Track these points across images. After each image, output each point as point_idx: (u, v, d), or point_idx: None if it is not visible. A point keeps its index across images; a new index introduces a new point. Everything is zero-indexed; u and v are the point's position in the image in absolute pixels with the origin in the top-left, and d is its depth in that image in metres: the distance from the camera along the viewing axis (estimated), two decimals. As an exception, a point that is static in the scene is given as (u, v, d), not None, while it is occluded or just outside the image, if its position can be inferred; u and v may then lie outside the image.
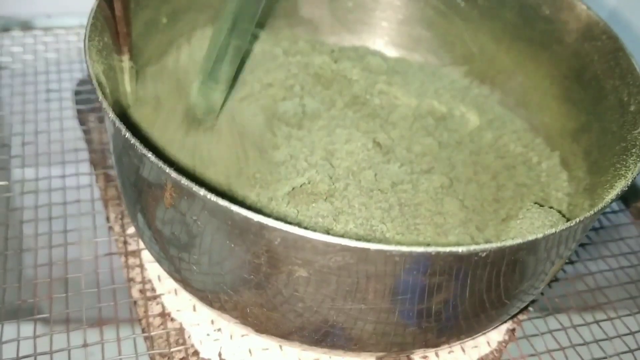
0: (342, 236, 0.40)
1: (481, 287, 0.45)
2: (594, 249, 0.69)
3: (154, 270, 0.61)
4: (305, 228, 0.38)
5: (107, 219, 0.66)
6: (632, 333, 0.62)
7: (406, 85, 0.71)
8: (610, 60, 0.61)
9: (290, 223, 0.38)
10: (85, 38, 0.51)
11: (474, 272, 0.42)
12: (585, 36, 0.64)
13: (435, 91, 0.71)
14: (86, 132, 0.77)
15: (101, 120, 0.78)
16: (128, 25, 0.57)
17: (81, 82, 0.83)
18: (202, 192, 0.39)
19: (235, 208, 0.38)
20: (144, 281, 0.60)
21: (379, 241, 0.53)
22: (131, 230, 0.64)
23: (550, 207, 0.58)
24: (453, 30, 0.76)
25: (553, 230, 0.41)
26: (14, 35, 0.88)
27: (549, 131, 0.69)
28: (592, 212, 0.44)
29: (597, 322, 0.62)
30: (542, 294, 0.64)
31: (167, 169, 0.40)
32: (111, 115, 0.43)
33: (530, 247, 0.43)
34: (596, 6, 0.64)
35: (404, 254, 0.38)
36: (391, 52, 0.79)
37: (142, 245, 0.63)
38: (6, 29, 0.89)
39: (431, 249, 0.38)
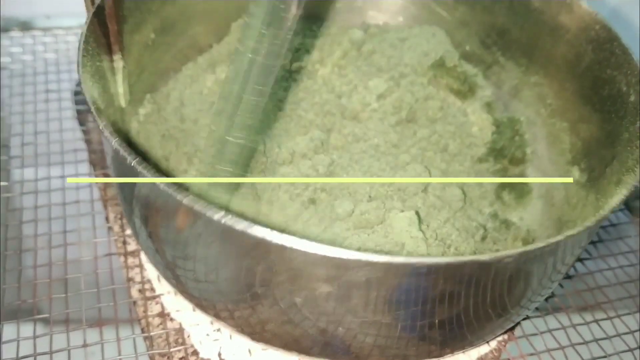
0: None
1: (501, 292, 0.45)
2: (592, 248, 0.69)
3: (153, 270, 0.61)
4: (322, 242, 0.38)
5: (107, 219, 0.66)
6: (631, 332, 0.62)
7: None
8: (605, 51, 0.61)
9: (310, 238, 0.37)
10: (78, 66, 0.52)
11: (499, 277, 0.43)
12: (577, 27, 0.64)
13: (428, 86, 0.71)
14: (85, 132, 0.77)
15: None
16: (118, 22, 0.56)
17: (80, 83, 0.81)
18: (217, 216, 0.38)
19: (256, 230, 0.37)
20: (143, 281, 0.61)
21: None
22: (130, 230, 0.64)
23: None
24: (443, 26, 0.77)
25: (581, 228, 0.42)
26: (13, 35, 0.89)
27: (546, 123, 0.69)
28: (620, 197, 0.45)
29: (596, 321, 0.62)
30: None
31: (180, 195, 0.39)
32: (116, 144, 0.43)
33: (554, 249, 0.43)
34: (597, 5, 0.64)
35: (430, 265, 0.38)
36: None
37: (141, 245, 0.63)
38: (6, 29, 0.89)
39: (456, 259, 0.38)
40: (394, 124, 0.66)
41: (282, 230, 0.37)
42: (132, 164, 0.41)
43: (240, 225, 0.38)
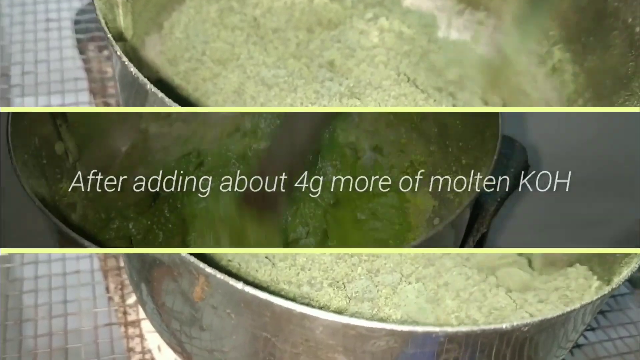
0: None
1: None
2: (592, 319, 0.68)
3: (154, 340, 0.60)
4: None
5: (107, 289, 0.64)
6: (631, 403, 0.63)
7: (400, 16, 0.69)
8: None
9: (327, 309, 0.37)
10: None
11: (514, 347, 0.43)
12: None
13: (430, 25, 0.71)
14: (85, 61, 0.78)
15: (100, 49, 0.79)
16: None
17: (80, 12, 0.83)
18: (240, 285, 0.37)
19: (278, 300, 0.37)
20: (143, 351, 0.60)
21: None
22: (131, 300, 0.63)
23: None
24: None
25: (593, 297, 0.41)
26: (13, -35, 0.85)
27: (549, 53, 0.68)
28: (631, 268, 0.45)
29: (596, 391, 0.63)
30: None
31: (201, 265, 0.38)
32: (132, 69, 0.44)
33: (570, 315, 0.42)
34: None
35: (448, 334, 0.38)
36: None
37: (142, 315, 0.62)
38: (5, -42, 0.86)
39: (477, 328, 0.38)
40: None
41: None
42: (149, 89, 0.43)
43: (262, 295, 0.37)
